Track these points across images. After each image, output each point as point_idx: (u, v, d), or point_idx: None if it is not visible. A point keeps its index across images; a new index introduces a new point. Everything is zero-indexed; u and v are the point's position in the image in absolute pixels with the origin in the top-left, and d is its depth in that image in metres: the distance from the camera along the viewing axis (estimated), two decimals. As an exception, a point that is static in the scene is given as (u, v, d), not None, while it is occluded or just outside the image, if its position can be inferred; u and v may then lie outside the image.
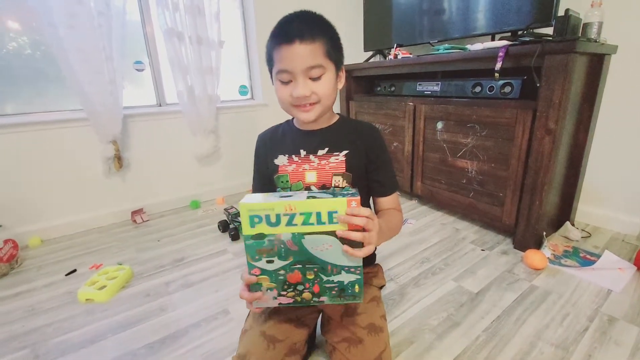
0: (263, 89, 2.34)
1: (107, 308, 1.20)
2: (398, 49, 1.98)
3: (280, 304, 0.57)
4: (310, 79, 0.66)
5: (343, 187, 0.58)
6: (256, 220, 0.54)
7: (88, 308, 1.20)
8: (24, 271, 1.48)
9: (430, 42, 1.88)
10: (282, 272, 0.57)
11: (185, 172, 2.17)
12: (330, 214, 0.53)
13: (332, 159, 0.74)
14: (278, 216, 0.54)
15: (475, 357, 0.92)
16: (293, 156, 0.77)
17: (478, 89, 1.54)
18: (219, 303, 1.19)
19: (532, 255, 1.32)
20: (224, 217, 1.83)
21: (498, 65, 1.34)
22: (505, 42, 1.36)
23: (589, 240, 1.52)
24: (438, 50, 1.65)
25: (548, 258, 1.34)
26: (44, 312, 1.19)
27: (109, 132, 1.74)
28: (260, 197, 0.56)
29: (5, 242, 1.46)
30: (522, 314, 1.08)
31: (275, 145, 0.81)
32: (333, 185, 0.74)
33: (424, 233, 1.66)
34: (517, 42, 1.32)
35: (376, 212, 0.82)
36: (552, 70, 1.21)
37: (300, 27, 0.64)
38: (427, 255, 1.45)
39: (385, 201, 0.80)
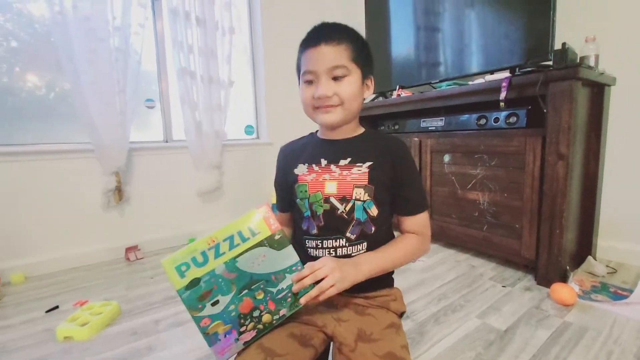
0: (269, 128, 2.39)
1: (88, 347, 1.06)
2: (400, 90, 2.06)
3: (245, 342, 0.52)
4: (333, 79, 0.65)
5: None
6: (183, 268, 0.52)
7: (66, 347, 1.06)
8: (1, 307, 1.34)
9: (431, 82, 1.95)
10: (232, 307, 0.53)
11: (186, 209, 2.11)
12: (249, 229, 0.55)
13: (355, 170, 0.70)
14: (204, 253, 0.53)
15: (516, 401, 0.78)
16: (313, 165, 0.72)
17: (483, 121, 1.56)
18: (215, 341, 1.05)
19: (560, 289, 1.21)
20: (224, 254, 1.73)
21: (502, 95, 1.36)
22: (507, 74, 1.40)
23: (616, 276, 1.41)
24: (440, 87, 1.71)
25: (577, 293, 1.22)
26: (15, 351, 1.04)
27: (113, 164, 1.72)
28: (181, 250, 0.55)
29: (-14, 274, 1.34)
30: (560, 352, 0.95)
31: (296, 155, 0.77)
32: (354, 197, 0.69)
33: (437, 270, 1.55)
34: (519, 73, 1.36)
35: (401, 231, 0.76)
36: (557, 96, 1.23)
37: (327, 30, 0.66)
38: (444, 291, 1.34)
39: (409, 222, 0.73)
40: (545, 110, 1.27)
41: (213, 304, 0.52)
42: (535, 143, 1.33)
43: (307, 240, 0.74)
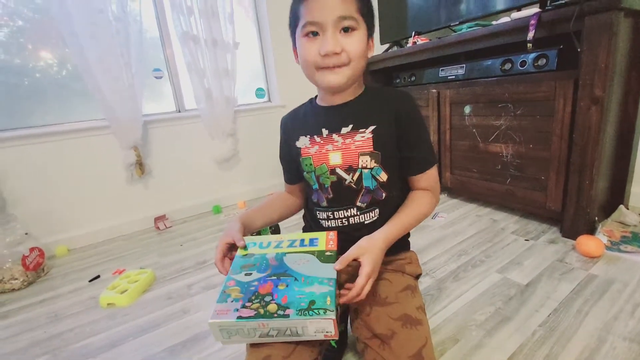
0: (280, 91, 2.32)
1: (129, 312, 1.16)
2: (417, 36, 1.90)
3: (239, 317, 0.50)
4: (341, 31, 0.59)
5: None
6: (251, 245, 0.64)
7: (110, 312, 1.17)
8: (50, 279, 1.48)
9: (450, 25, 1.78)
10: (255, 283, 0.56)
11: (206, 178, 2.16)
12: (311, 239, 0.65)
13: (358, 137, 0.66)
14: (269, 243, 0.65)
15: (534, 355, 0.79)
16: (315, 136, 0.69)
17: (508, 65, 1.43)
18: (242, 304, 1.12)
19: (586, 242, 1.17)
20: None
21: (530, 35, 1.22)
22: (536, 9, 1.25)
23: (650, 224, 1.34)
24: (461, 29, 1.56)
25: (604, 244, 1.18)
26: (67, 318, 1.16)
27: (130, 138, 1.75)
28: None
29: (32, 250, 1.46)
30: (583, 305, 0.94)
31: (297, 127, 0.74)
32: (360, 166, 0.66)
33: (458, 226, 1.53)
34: (550, 7, 1.21)
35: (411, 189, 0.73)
36: (594, 31, 1.09)
37: None
38: (464, 247, 1.33)
39: (420, 180, 0.70)
40: (579, 49, 1.14)
41: (246, 275, 0.58)
42: (566, 87, 1.21)
43: (318, 212, 0.73)
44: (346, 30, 0.59)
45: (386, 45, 2.28)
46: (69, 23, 1.52)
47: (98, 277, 1.43)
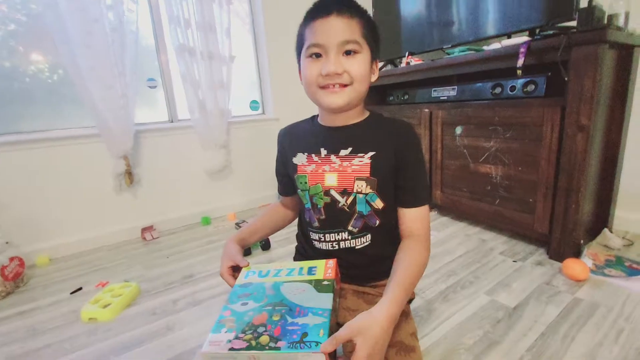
0: (274, 104, 2.33)
1: (111, 327, 1.12)
2: (410, 57, 1.94)
3: (231, 348, 0.50)
4: (344, 54, 0.60)
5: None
6: (250, 274, 0.65)
7: (91, 328, 1.13)
8: (29, 290, 1.42)
9: (443, 47, 1.83)
10: (250, 313, 0.56)
11: (196, 188, 2.14)
12: (310, 267, 0.63)
13: (356, 161, 0.66)
14: (269, 271, 0.64)
15: (522, 381, 0.79)
16: (313, 155, 0.69)
17: (498, 90, 1.47)
18: (229, 321, 1.10)
19: (572, 265, 1.19)
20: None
21: (520, 62, 1.27)
22: (526, 38, 1.30)
23: (632, 248, 1.38)
24: (453, 52, 1.60)
25: (589, 268, 1.21)
26: (45, 333, 1.12)
27: (121, 148, 1.73)
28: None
29: (11, 259, 1.41)
30: (570, 330, 0.95)
31: (295, 142, 0.74)
32: (355, 190, 0.66)
33: (447, 245, 1.54)
34: (539, 37, 1.25)
35: (400, 228, 0.69)
36: (580, 62, 1.14)
37: (338, 1, 0.60)
38: (453, 267, 1.34)
39: (408, 216, 0.67)
40: (566, 78, 1.18)
41: (243, 304, 0.57)
42: (553, 113, 1.25)
43: (311, 232, 0.73)
44: (349, 53, 0.60)
45: (380, 64, 2.33)
46: (63, 31, 1.50)
47: (80, 289, 1.39)
